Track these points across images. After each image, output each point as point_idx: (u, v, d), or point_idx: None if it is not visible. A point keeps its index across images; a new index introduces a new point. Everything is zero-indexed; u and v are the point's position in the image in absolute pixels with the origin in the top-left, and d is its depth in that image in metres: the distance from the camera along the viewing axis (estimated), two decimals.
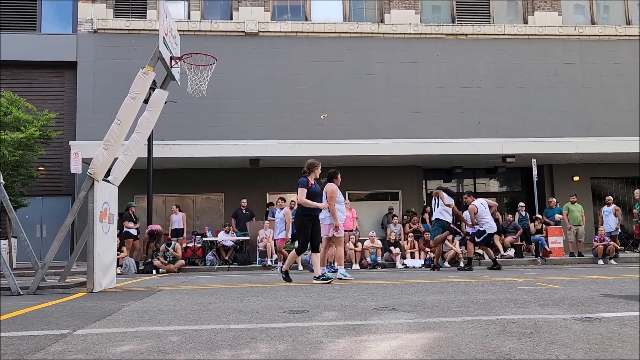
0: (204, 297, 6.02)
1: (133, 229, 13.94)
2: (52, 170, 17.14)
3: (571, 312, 4.26)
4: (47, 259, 7.10)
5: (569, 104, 18.23)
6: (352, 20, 18.34)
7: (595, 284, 6.77)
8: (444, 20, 18.68)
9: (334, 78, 17.62)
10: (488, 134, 17.47)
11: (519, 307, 4.61)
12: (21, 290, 6.76)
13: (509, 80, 18.21)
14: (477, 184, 19.74)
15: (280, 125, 17.13)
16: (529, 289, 6.24)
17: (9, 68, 17.16)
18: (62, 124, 16.84)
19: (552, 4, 18.81)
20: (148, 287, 7.68)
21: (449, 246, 13.50)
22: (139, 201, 16.27)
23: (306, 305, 4.99)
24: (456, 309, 4.56)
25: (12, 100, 14.62)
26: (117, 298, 6.10)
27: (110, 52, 17.00)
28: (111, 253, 7.79)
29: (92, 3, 17.37)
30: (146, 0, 17.72)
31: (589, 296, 5.32)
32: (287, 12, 18.48)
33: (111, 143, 7.12)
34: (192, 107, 16.05)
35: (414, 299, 5.31)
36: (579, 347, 2.96)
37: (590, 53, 18.56)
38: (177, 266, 12.85)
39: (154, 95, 7.93)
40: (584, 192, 18.18)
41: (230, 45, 17.32)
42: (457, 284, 7.15)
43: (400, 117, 17.66)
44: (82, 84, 16.94)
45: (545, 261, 13.59)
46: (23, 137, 13.69)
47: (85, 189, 7.09)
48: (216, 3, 18.34)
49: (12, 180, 13.76)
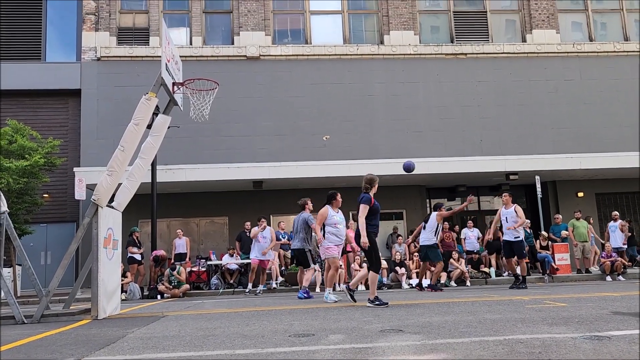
0: (209, 322, 5.98)
1: (137, 254, 13.91)
2: (57, 196, 17.21)
3: (580, 330, 4.21)
4: (52, 287, 7.08)
5: (570, 120, 18.28)
6: (352, 42, 18.55)
7: (604, 301, 6.69)
8: (443, 40, 18.87)
9: (335, 99, 17.74)
10: (490, 151, 17.49)
11: (527, 326, 4.56)
12: (25, 319, 6.73)
13: (509, 97, 18.29)
14: (481, 202, 19.69)
15: (283, 148, 17.20)
16: (536, 307, 6.17)
17: (15, 97, 17.37)
18: (66, 151, 16.96)
19: (550, 22, 19.01)
20: (153, 313, 7.64)
21: (454, 265, 13.42)
22: (143, 226, 16.26)
23: (312, 329, 4.95)
24: (463, 329, 4.51)
25: (17, 128, 14.76)
26: (121, 325, 6.06)
27: (114, 79, 17.20)
28: (115, 279, 7.77)
29: (95, 32, 17.64)
30: (149, 28, 17.99)
31: (597, 314, 5.26)
32: (287, 36, 18.72)
33: (115, 169, 7.17)
34: (195, 131, 16.16)
35: (420, 320, 5.26)
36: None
37: (589, 69, 18.68)
38: (182, 291, 12.78)
39: (157, 120, 8.01)
40: (589, 208, 18.09)
41: (232, 69, 17.51)
42: (464, 303, 7.08)
43: (401, 136, 17.72)
44: (86, 111, 17.11)
45: (553, 278, 13.47)
46: (28, 164, 13.78)
47: (89, 215, 7.11)
48: (217, 29, 18.60)
49: (16, 208, 13.81)
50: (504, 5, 19.48)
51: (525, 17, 19.14)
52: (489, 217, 19.27)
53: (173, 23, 18.22)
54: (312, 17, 18.71)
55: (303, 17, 18.72)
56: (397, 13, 18.61)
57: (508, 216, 10.87)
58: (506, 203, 11.04)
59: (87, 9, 17.76)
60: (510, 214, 10.81)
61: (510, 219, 10.79)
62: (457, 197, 19.45)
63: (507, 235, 10.89)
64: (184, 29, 18.30)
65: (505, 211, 10.97)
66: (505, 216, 10.94)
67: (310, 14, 18.70)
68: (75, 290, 7.97)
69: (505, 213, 10.94)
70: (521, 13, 19.24)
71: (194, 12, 18.28)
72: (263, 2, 18.34)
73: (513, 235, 10.75)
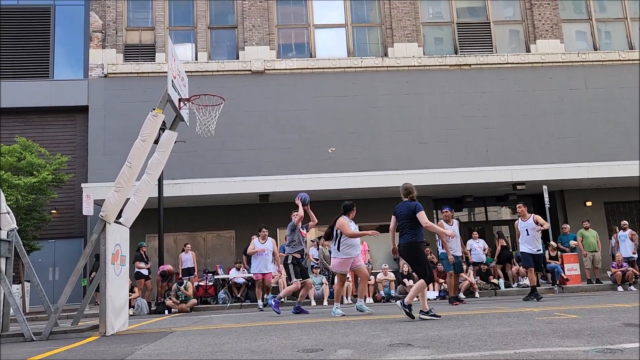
0: (217, 337, 5.96)
1: (144, 269, 13.93)
2: (64, 212, 17.30)
3: (592, 343, 4.16)
4: (60, 304, 7.10)
5: (577, 130, 18.22)
6: (356, 55, 18.65)
7: (615, 312, 6.62)
8: (447, 51, 18.93)
9: (340, 112, 17.80)
10: (496, 162, 17.44)
11: (538, 339, 4.51)
12: (34, 336, 6.74)
13: (514, 107, 18.28)
14: (488, 212, 19.61)
15: (289, 161, 17.24)
16: (547, 319, 6.11)
17: (23, 114, 17.57)
18: (74, 167, 17.08)
19: (554, 32, 19.04)
20: (161, 329, 7.62)
21: (463, 277, 13.32)
22: (150, 240, 16.30)
23: (320, 343, 4.92)
24: (473, 343, 4.47)
25: (25, 145, 14.91)
26: (129, 341, 6.05)
27: (121, 95, 17.36)
28: (123, 295, 7.77)
29: (102, 49, 17.85)
30: (155, 44, 18.19)
31: (609, 326, 5.19)
32: (292, 50, 18.86)
33: (122, 185, 7.21)
34: (201, 145, 16.24)
35: (429, 334, 5.22)
36: None
37: (594, 78, 18.65)
38: (190, 305, 12.76)
39: (164, 136, 8.06)
40: (598, 218, 17.96)
41: (237, 83, 17.63)
42: (473, 316, 7.02)
43: (407, 148, 17.72)
44: (93, 127, 17.26)
45: (563, 289, 13.34)
46: (36, 181, 13.89)
47: (97, 231, 7.13)
48: (223, 44, 18.78)
49: (25, 225, 13.89)
50: (507, 15, 19.56)
51: (528, 27, 19.19)
52: (496, 228, 19.18)
53: (179, 39, 18.42)
54: (316, 30, 18.86)
55: (307, 30, 18.87)
56: (400, 25, 18.71)
57: (529, 228, 10.56)
58: (522, 214, 10.75)
59: (94, 26, 17.99)
60: (531, 226, 10.52)
61: (532, 230, 10.49)
62: (464, 208, 19.38)
63: (530, 247, 10.55)
64: (189, 44, 18.48)
65: (524, 223, 10.67)
66: (525, 228, 10.62)
67: (315, 28, 18.85)
68: (84, 307, 7.99)
69: (525, 225, 10.62)
70: (525, 23, 19.30)
71: (199, 28, 18.47)
72: (267, 16, 18.51)
73: (535, 248, 10.54)
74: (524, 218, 10.70)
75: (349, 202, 8.55)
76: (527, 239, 10.60)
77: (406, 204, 7.14)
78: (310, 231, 17.94)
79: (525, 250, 10.60)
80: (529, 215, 10.71)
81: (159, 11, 18.42)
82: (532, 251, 10.55)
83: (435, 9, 19.52)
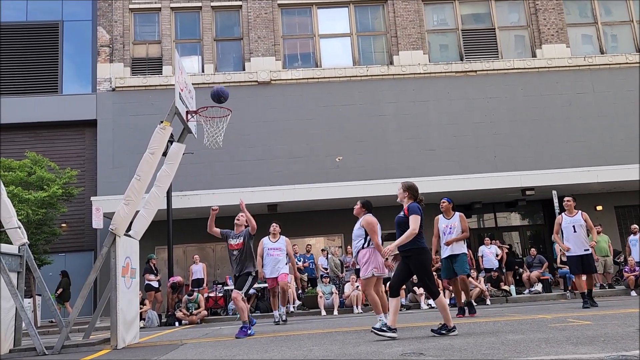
0: (228, 349, 5.95)
1: (154, 281, 13.95)
2: (74, 226, 17.40)
3: (606, 350, 4.10)
4: (71, 317, 7.12)
5: (585, 134, 18.10)
6: (362, 63, 18.71)
7: (630, 318, 6.53)
8: (453, 58, 18.94)
9: (346, 121, 17.83)
10: (505, 167, 17.35)
11: (551, 347, 4.46)
12: (46, 350, 6.76)
13: (522, 113, 18.21)
14: (497, 218, 19.49)
15: (296, 170, 17.27)
16: (560, 326, 6.04)
17: (33, 129, 17.75)
18: (83, 181, 17.20)
19: (560, 36, 19.00)
20: (172, 341, 7.62)
21: (473, 283, 13.22)
22: (160, 252, 16.34)
23: (331, 354, 4.90)
24: (486, 351, 4.43)
25: (35, 160, 15.04)
26: (141, 354, 6.05)
27: (129, 108, 17.51)
28: (134, 308, 7.79)
29: (110, 63, 18.04)
30: (161, 57, 18.36)
31: (623, 332, 5.13)
32: (297, 60, 18.96)
33: (132, 198, 7.25)
34: (209, 157, 16.29)
35: (441, 342, 5.18)
36: None
37: (601, 82, 18.56)
38: (200, 317, 12.76)
39: (172, 149, 8.11)
40: (609, 222, 17.79)
41: (244, 94, 17.73)
42: (485, 324, 6.97)
43: (414, 155, 17.69)
44: (102, 140, 17.40)
45: (575, 295, 13.19)
46: (46, 195, 14.00)
47: (107, 244, 7.17)
48: (229, 55, 18.91)
49: (35, 239, 13.99)
50: (512, 21, 19.55)
51: (534, 32, 19.17)
52: (506, 234, 19.05)
53: (185, 52, 18.58)
54: (321, 40, 18.95)
55: (312, 40, 18.97)
56: (405, 33, 18.76)
57: (576, 224, 9.17)
58: (569, 209, 9.40)
59: (101, 41, 18.20)
60: (580, 222, 9.18)
61: (581, 228, 9.14)
62: (473, 215, 19.27)
63: (576, 248, 9.15)
64: (195, 57, 18.63)
65: (571, 218, 9.31)
66: (572, 224, 9.23)
67: (320, 38, 18.95)
68: (95, 320, 8.01)
69: (572, 221, 9.25)
70: (530, 28, 19.29)
71: (205, 41, 18.63)
72: (273, 27, 18.64)
73: (583, 248, 9.12)
74: (570, 213, 9.38)
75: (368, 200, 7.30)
76: (572, 238, 9.19)
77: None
78: (319, 240, 18.05)
79: (571, 254, 9.19)
80: (576, 211, 9.36)
81: (165, 24, 18.61)
82: (579, 252, 9.09)
83: (439, 16, 19.56)
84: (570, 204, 9.49)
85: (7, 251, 7.26)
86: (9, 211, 7.52)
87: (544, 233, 19.02)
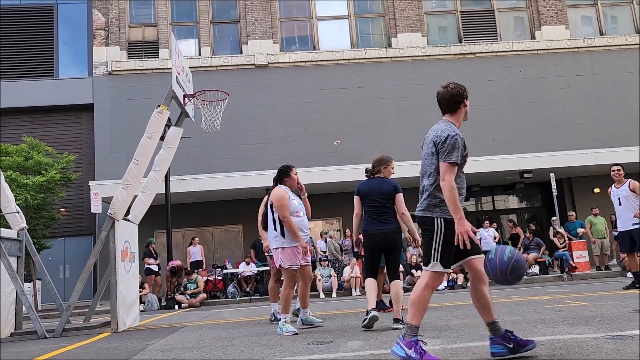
0: (228, 331, 6.01)
1: (154, 265, 14.02)
2: (73, 211, 17.42)
3: (601, 330, 4.15)
4: (72, 301, 7.17)
5: (584, 116, 18.08)
6: (360, 46, 18.57)
7: (625, 299, 6.60)
8: (451, 40, 18.81)
9: (345, 104, 17.76)
10: (503, 150, 17.34)
11: (547, 327, 4.51)
12: (47, 333, 6.82)
13: (521, 95, 18.15)
14: (495, 201, 19.54)
15: (295, 154, 17.22)
16: (556, 307, 6.11)
17: (29, 114, 17.66)
18: (81, 165, 17.17)
19: (559, 18, 18.85)
20: (172, 324, 7.68)
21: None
22: (159, 237, 16.39)
23: (330, 336, 4.95)
24: (483, 332, 4.47)
25: (33, 145, 15.00)
26: (141, 337, 6.11)
27: (126, 92, 17.40)
28: (134, 291, 7.83)
29: (106, 46, 17.88)
30: (158, 40, 18.19)
31: (619, 313, 5.18)
32: (295, 43, 18.80)
33: (130, 182, 7.25)
34: (207, 141, 16.26)
35: (439, 324, 5.23)
36: None
37: (601, 64, 18.47)
38: (199, 300, 12.85)
39: (169, 133, 8.08)
40: (607, 204, 17.78)
41: (241, 78, 17.62)
42: None
43: (412, 138, 17.62)
44: (99, 125, 17.33)
45: (572, 276, 13.30)
46: (44, 180, 13.99)
47: (106, 229, 7.19)
48: (226, 38, 18.74)
49: (34, 224, 14.01)
50: (511, 2, 19.37)
51: (533, 14, 19.01)
52: (504, 217, 19.10)
53: (182, 35, 18.40)
54: (319, 22, 18.78)
55: (310, 23, 18.80)
56: (403, 15, 18.59)
57: (622, 196, 8.27)
58: (618, 179, 8.38)
59: (97, 24, 18.01)
60: (625, 193, 8.23)
61: (627, 199, 8.20)
62: (471, 197, 19.32)
63: (623, 223, 8.29)
64: (192, 40, 18.46)
65: (617, 190, 8.38)
66: (617, 196, 8.34)
67: (317, 20, 18.78)
68: (95, 304, 8.06)
69: (618, 192, 8.35)
70: (529, 10, 19.12)
71: (202, 23, 18.45)
72: (270, 10, 18.45)
73: (632, 222, 8.18)
74: (618, 184, 8.41)
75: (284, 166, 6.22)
76: (619, 211, 8.38)
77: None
78: (317, 224, 18.10)
79: (620, 229, 8.41)
80: (626, 180, 8.34)
81: (162, 7, 18.41)
82: (627, 227, 8.25)
83: None
84: (618, 173, 8.42)
85: (7, 235, 7.28)
86: (7, 196, 7.52)
87: (541, 216, 19.09)
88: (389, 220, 5.57)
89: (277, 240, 5.58)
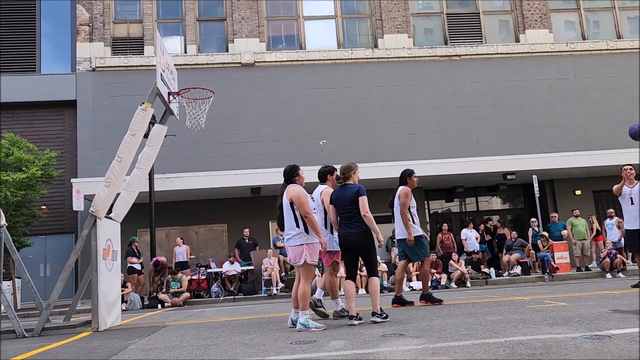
0: (210, 330, 5.98)
1: (137, 263, 13.89)
2: (55, 208, 17.16)
3: (580, 330, 4.21)
4: (52, 300, 7.07)
5: (566, 119, 18.33)
6: (347, 46, 18.60)
7: (604, 299, 6.71)
8: (437, 42, 18.93)
9: (331, 104, 17.77)
10: (487, 152, 17.51)
11: (528, 327, 4.57)
12: (26, 333, 6.71)
13: (505, 98, 18.35)
14: (479, 202, 19.72)
15: (281, 153, 17.19)
16: (537, 307, 6.18)
17: (10, 109, 17.36)
18: (63, 162, 16.93)
19: (543, 22, 19.09)
20: (154, 323, 7.62)
21: (454, 266, 13.43)
22: (142, 235, 16.24)
23: (313, 335, 4.95)
24: (464, 332, 4.52)
25: (13, 141, 14.75)
26: (122, 336, 6.05)
27: (109, 89, 17.20)
28: (115, 290, 7.76)
29: (90, 42, 17.66)
30: (143, 37, 18.02)
31: (597, 313, 5.27)
32: (282, 42, 18.77)
33: (112, 180, 7.17)
34: (192, 139, 16.15)
35: (421, 324, 5.27)
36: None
37: (583, 68, 18.75)
38: (183, 299, 12.76)
39: (154, 130, 8.02)
40: (587, 206, 18.11)
41: (228, 76, 17.53)
42: (465, 305, 7.09)
43: (399, 139, 17.75)
44: (82, 121, 17.11)
45: (553, 277, 13.48)
46: (25, 177, 13.76)
47: (87, 227, 7.10)
48: (212, 36, 18.64)
49: (14, 221, 13.78)
50: (496, 6, 19.57)
51: (518, 17, 19.23)
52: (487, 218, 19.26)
53: (167, 32, 18.26)
54: (305, 22, 18.77)
55: (297, 22, 18.78)
56: (390, 16, 18.67)
57: (634, 195, 8.25)
58: (629, 178, 8.36)
59: (81, 19, 17.79)
60: (636, 193, 8.25)
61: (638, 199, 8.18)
62: (455, 198, 19.47)
63: (631, 223, 8.31)
64: (178, 37, 18.33)
65: (629, 189, 8.35)
66: (629, 195, 8.30)
67: (304, 19, 18.76)
68: (76, 303, 7.96)
69: (630, 192, 8.33)
70: (514, 13, 19.34)
71: (188, 21, 18.32)
72: (257, 8, 18.39)
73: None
74: (630, 184, 8.38)
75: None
76: (629, 211, 8.33)
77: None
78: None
79: (629, 228, 8.41)
80: (637, 181, 8.39)
81: (147, 3, 18.24)
82: (635, 226, 8.25)
83: (424, 0, 19.49)
84: (630, 172, 8.40)
85: None
86: None
87: (524, 217, 19.31)
88: (354, 224, 5.81)
89: (300, 237, 5.66)
